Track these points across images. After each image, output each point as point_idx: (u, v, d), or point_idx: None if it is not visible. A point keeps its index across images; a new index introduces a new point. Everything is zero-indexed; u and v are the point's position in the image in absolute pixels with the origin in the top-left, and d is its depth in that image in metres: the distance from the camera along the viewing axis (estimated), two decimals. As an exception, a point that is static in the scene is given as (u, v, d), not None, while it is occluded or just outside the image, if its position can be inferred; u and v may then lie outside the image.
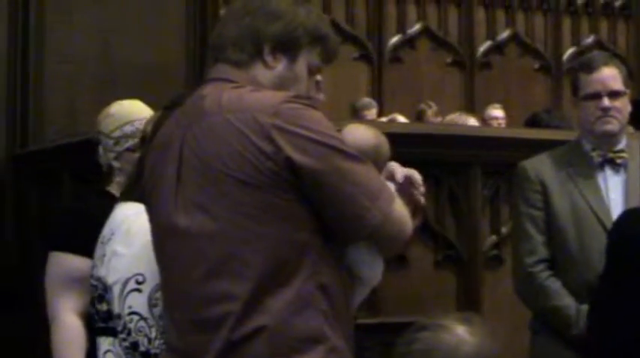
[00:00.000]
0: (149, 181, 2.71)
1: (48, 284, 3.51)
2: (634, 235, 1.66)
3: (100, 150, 3.66)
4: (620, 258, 1.67)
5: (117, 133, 3.54)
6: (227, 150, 2.51)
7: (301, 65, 2.68)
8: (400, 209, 2.64)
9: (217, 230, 2.52)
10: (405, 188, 2.75)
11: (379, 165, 2.82)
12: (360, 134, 2.89)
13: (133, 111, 3.61)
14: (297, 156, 2.48)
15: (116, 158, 3.55)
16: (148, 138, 2.92)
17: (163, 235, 2.63)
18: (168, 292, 2.65)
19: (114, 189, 3.53)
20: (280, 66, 2.66)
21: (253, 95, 2.56)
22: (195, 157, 2.56)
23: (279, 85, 2.64)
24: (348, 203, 2.54)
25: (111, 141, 3.58)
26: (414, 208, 2.76)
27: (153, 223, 2.69)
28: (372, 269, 2.73)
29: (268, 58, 2.65)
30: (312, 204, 2.53)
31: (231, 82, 2.62)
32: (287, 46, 2.65)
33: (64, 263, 3.47)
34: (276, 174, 2.48)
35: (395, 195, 2.67)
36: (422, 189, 2.80)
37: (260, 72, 2.65)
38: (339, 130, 2.79)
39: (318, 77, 5.69)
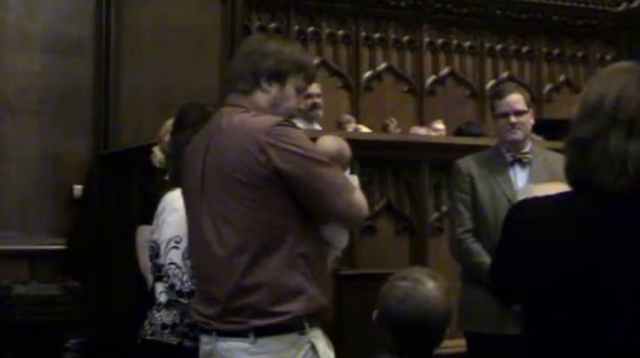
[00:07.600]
0: (184, 176, 2.68)
1: (137, 246, 3.86)
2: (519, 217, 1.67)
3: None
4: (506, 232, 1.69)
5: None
6: (234, 159, 2.48)
7: (290, 88, 2.63)
8: (359, 197, 2.59)
9: (227, 214, 2.49)
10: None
11: (342, 163, 2.80)
12: (327, 143, 2.86)
13: None
14: (283, 165, 2.44)
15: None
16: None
17: (194, 213, 2.61)
18: (195, 253, 2.65)
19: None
20: (274, 90, 2.61)
21: (254, 119, 2.52)
22: (214, 163, 2.53)
23: (274, 103, 2.61)
24: (320, 197, 2.51)
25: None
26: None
27: (186, 205, 2.68)
28: (340, 239, 2.71)
29: (265, 86, 2.60)
30: (295, 198, 2.48)
31: (241, 106, 2.59)
32: (277, 76, 2.60)
33: (145, 232, 3.58)
34: (267, 177, 2.45)
35: (355, 186, 2.64)
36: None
37: (259, 96, 2.61)
38: (314, 139, 2.75)
39: (318, 100, 5.57)
